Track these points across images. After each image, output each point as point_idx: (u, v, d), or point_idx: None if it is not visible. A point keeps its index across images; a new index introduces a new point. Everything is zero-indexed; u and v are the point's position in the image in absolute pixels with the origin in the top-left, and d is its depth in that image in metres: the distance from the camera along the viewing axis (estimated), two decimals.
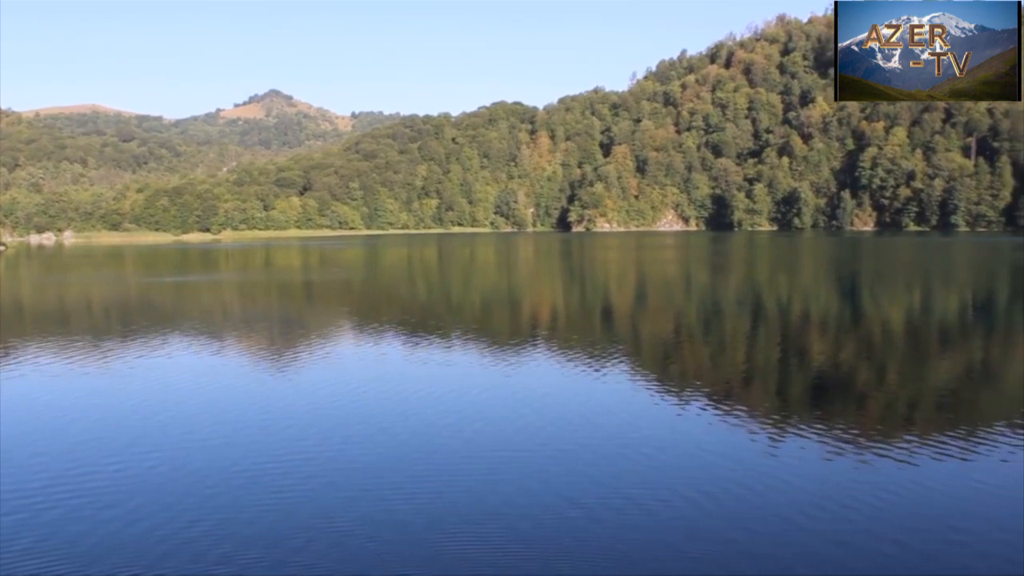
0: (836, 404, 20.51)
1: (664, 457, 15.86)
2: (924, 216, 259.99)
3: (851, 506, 13.08)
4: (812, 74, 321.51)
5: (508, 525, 12.55)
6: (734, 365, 26.89)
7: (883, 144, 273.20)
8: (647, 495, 13.70)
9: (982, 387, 22.82)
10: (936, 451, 15.87)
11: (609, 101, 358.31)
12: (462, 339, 32.43)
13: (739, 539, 11.95)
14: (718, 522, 12.57)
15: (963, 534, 12.01)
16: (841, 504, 13.17)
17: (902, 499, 13.42)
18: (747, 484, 14.20)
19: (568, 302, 49.93)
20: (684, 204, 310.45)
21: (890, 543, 11.71)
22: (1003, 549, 11.51)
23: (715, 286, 58.61)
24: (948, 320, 38.33)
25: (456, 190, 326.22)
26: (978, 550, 11.51)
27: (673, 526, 12.44)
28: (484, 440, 17.34)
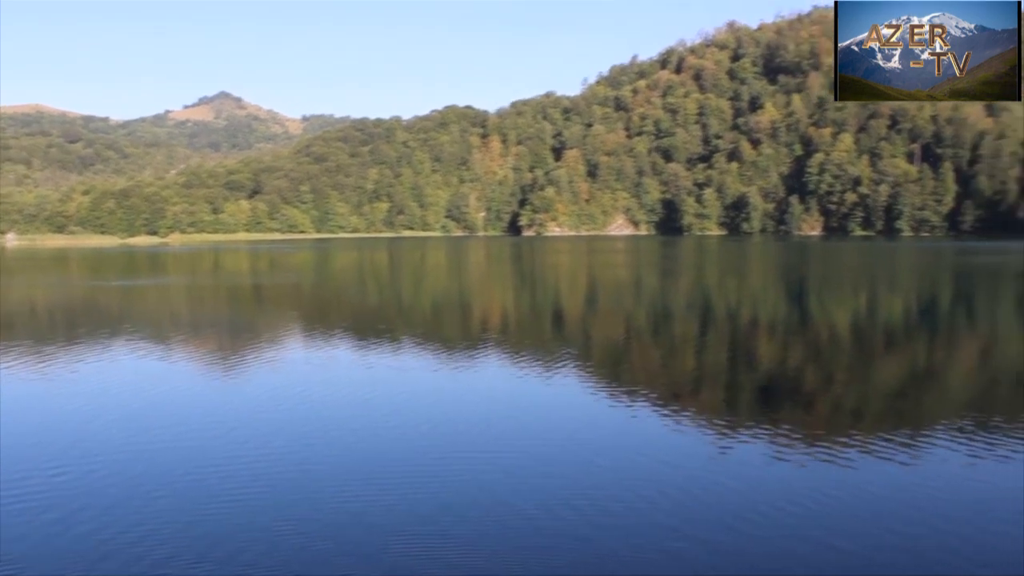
0: (784, 407, 20.64)
1: (613, 461, 15.81)
2: (870, 221, 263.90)
3: (798, 508, 13.11)
4: (761, 80, 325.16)
5: (450, 529, 12.41)
6: (684, 369, 26.99)
7: (830, 150, 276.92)
8: (595, 499, 13.63)
9: (925, 389, 23.10)
10: (881, 453, 15.99)
11: (561, 106, 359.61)
12: (413, 343, 32.26)
13: (686, 542, 11.91)
14: (665, 525, 12.51)
15: (905, 536, 12.08)
16: (788, 506, 13.19)
17: (847, 501, 13.48)
18: (695, 487, 14.20)
19: (519, 306, 49.89)
20: (634, 208, 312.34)
21: (834, 545, 11.74)
22: (944, 551, 11.59)
23: (665, 290, 58.90)
24: (893, 324, 38.81)
25: (407, 194, 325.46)
26: (920, 552, 11.58)
27: (620, 530, 12.36)
28: (432, 444, 17.19)
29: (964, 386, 23.80)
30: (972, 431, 17.56)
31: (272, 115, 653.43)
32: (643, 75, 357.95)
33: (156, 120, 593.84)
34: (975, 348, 31.29)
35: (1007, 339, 33.64)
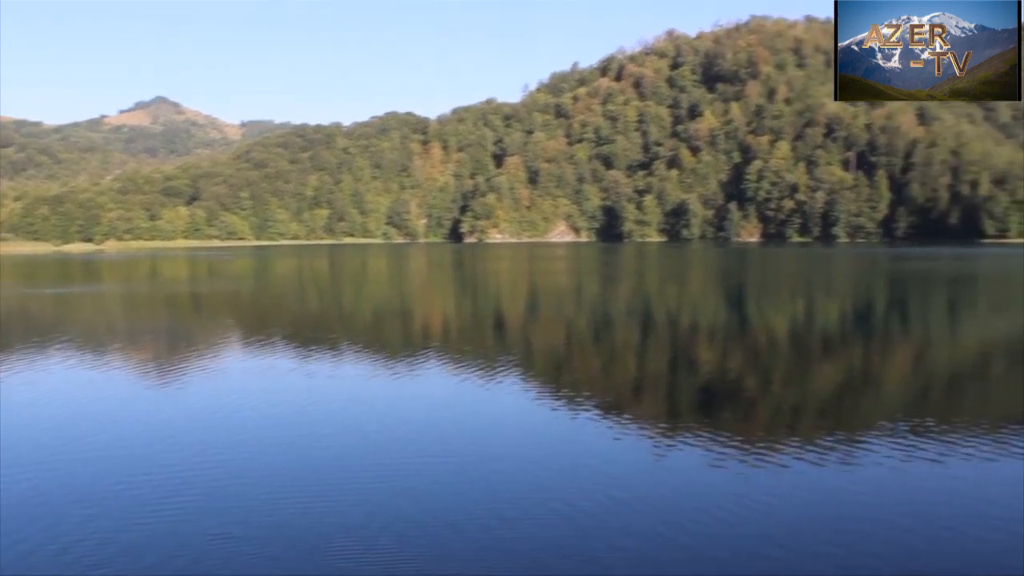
0: (723, 412, 20.83)
1: (550, 468, 15.83)
2: (807, 228, 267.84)
3: (732, 514, 13.24)
4: (700, 88, 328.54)
5: (379, 536, 12.37)
6: (624, 375, 27.14)
7: (768, 157, 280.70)
8: (528, 506, 13.66)
9: (861, 394, 23.44)
10: (817, 458, 16.21)
11: (502, 112, 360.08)
12: (353, 351, 32.08)
13: (618, 550, 11.98)
14: (599, 533, 12.57)
15: (837, 540, 12.26)
16: (723, 512, 13.32)
17: (782, 506, 13.65)
18: (631, 493, 14.27)
19: (460, 313, 49.84)
20: (575, 215, 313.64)
21: (767, 550, 11.89)
22: (873, 554, 11.76)
23: (606, 297, 59.18)
24: (829, 329, 39.38)
25: (348, 200, 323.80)
26: (849, 555, 11.74)
27: (553, 538, 12.39)
28: (367, 452, 17.10)
29: (897, 390, 24.22)
30: (905, 435, 17.87)
31: (211, 120, 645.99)
32: (583, 82, 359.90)
33: (91, 125, 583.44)
34: (908, 352, 31.87)
35: (938, 343, 34.32)
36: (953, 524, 12.72)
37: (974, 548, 11.88)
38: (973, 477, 14.99)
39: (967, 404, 21.70)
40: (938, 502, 13.72)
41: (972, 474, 15.15)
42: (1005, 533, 12.39)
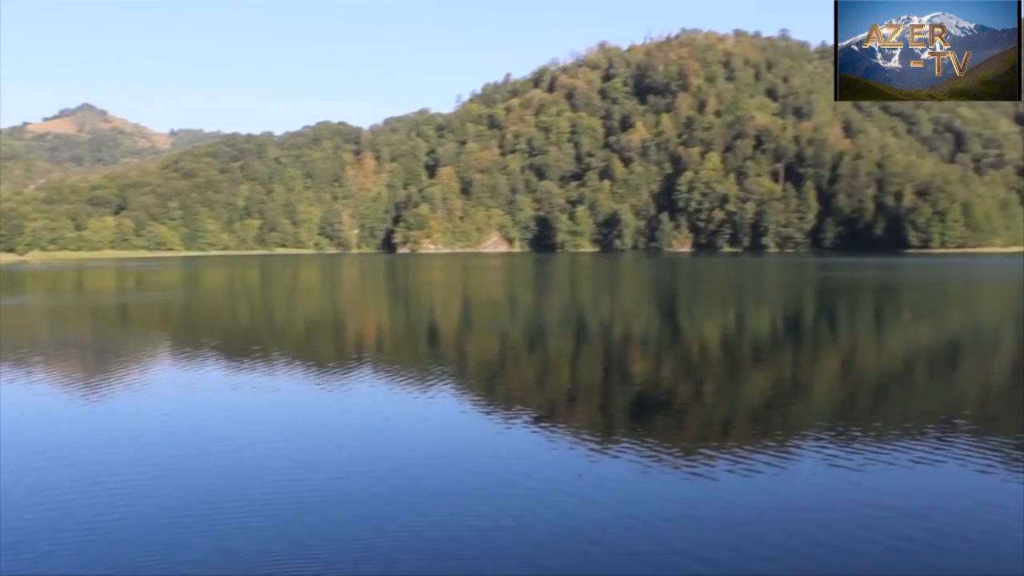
0: (656, 421, 20.98)
1: (482, 478, 15.80)
2: (737, 238, 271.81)
3: (665, 521, 13.33)
4: (632, 100, 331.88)
5: (310, 549, 12.26)
6: (558, 385, 27.20)
7: (699, 168, 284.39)
8: (461, 516, 13.62)
9: (791, 401, 23.78)
10: (748, 464, 16.41)
11: (435, 123, 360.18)
12: (285, 363, 31.74)
13: (552, 557, 12.01)
14: (532, 542, 12.58)
15: (773, 543, 12.40)
16: (658, 519, 13.41)
17: (714, 512, 13.78)
18: (564, 502, 14.30)
19: (394, 324, 49.62)
20: (508, 226, 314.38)
21: (698, 556, 12.00)
22: (803, 557, 11.93)
23: (539, 307, 59.33)
24: (760, 337, 39.91)
25: (279, 211, 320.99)
26: (787, 559, 11.89)
27: (485, 548, 12.39)
28: (297, 465, 16.87)
29: (826, 397, 24.61)
30: (833, 440, 18.15)
31: (138, 129, 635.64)
32: (516, 93, 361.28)
33: (13, 132, 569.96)
34: (836, 360, 32.40)
35: (865, 351, 34.95)
36: (876, 529, 12.93)
37: (896, 553, 12.09)
38: (896, 483, 15.26)
39: (892, 410, 22.11)
40: (863, 507, 13.93)
41: (896, 480, 15.43)
42: (924, 540, 12.63)
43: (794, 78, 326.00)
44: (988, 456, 16.88)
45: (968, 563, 11.76)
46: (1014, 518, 13.36)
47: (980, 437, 18.36)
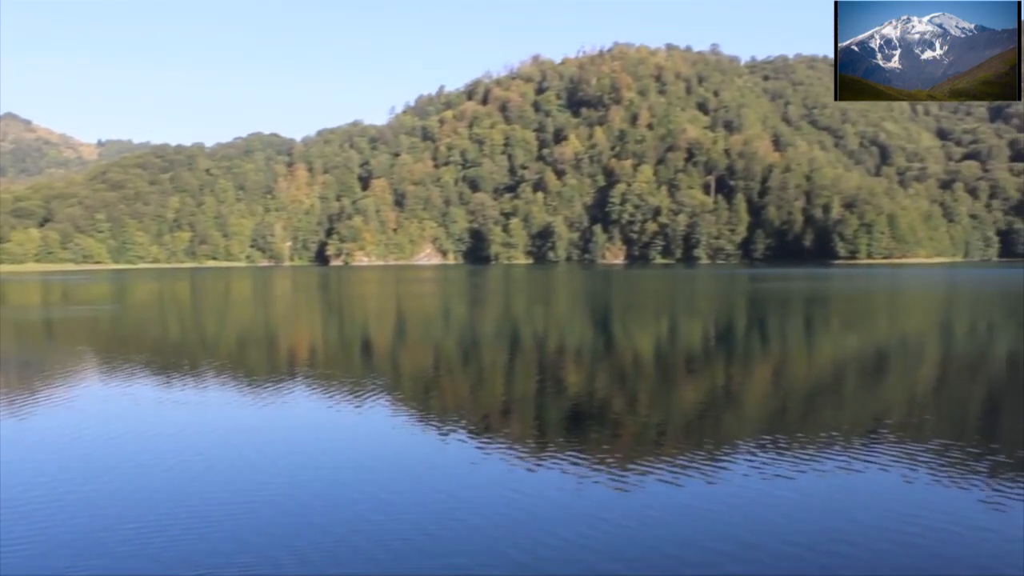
0: (590, 433, 21.01)
1: (420, 491, 15.70)
2: (670, 249, 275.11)
3: (600, 532, 13.35)
4: (565, 112, 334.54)
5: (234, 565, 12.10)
6: (493, 397, 27.16)
7: (631, 181, 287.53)
8: (398, 528, 13.55)
9: (723, 411, 23.98)
10: (680, 475, 16.53)
11: (368, 134, 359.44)
12: (216, 377, 31.27)
13: (490, 568, 11.97)
14: (461, 554, 12.53)
15: (700, 552, 12.48)
16: (591, 529, 13.43)
17: (646, 523, 13.84)
18: (504, 513, 14.28)
19: (327, 338, 49.21)
20: (442, 238, 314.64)
21: (632, 567, 12.05)
22: (739, 565, 12.02)
23: (473, 319, 59.29)
24: (693, 348, 40.29)
25: (210, 223, 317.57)
26: (713, 568, 11.97)
27: (411, 563, 12.32)
28: (225, 481, 16.62)
29: (758, 406, 24.88)
30: (764, 449, 18.36)
31: (64, 139, 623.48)
32: (450, 106, 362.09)
33: None
34: (767, 370, 32.80)
35: (796, 360, 35.47)
36: (809, 537, 13.09)
37: (830, 561, 12.24)
38: (825, 490, 15.47)
39: (822, 419, 22.45)
40: (791, 514, 14.10)
41: (824, 487, 15.64)
42: (851, 546, 12.81)
43: (724, 92, 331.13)
44: (914, 462, 17.21)
45: (897, 568, 11.93)
46: (939, 521, 13.63)
47: (906, 444, 18.71)
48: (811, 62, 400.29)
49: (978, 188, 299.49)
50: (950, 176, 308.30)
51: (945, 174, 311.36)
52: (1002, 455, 17.98)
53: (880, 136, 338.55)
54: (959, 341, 41.83)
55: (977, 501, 14.75)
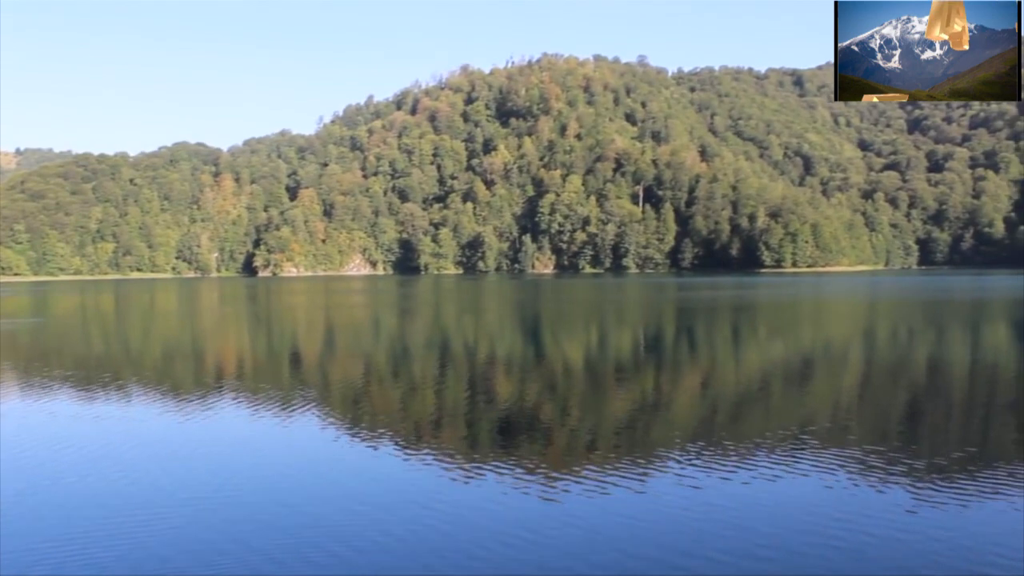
0: (521, 441, 21.02)
1: (354, 503, 15.54)
2: (599, 259, 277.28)
3: (528, 542, 13.34)
4: (494, 123, 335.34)
5: None
6: (424, 407, 27.04)
7: (560, 191, 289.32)
8: (324, 541, 13.43)
9: (653, 418, 24.17)
10: (609, 482, 16.62)
11: (296, 144, 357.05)
12: (141, 392, 30.69)
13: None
14: (391, 568, 12.45)
15: (635, 561, 12.53)
16: (519, 539, 13.42)
17: (578, 530, 13.88)
18: (437, 523, 14.20)
19: (255, 350, 48.60)
20: (371, 248, 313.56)
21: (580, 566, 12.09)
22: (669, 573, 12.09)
23: (403, 330, 59.08)
24: (622, 356, 40.54)
25: (134, 234, 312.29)
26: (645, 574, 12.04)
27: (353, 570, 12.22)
28: (151, 497, 16.26)
29: (687, 414, 25.12)
30: (693, 457, 18.53)
31: None
32: (379, 115, 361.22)
33: None
34: (696, 377, 33.15)
35: (723, 368, 35.88)
36: (735, 543, 13.20)
37: (755, 566, 12.37)
38: (754, 497, 15.64)
39: (749, 425, 22.71)
40: (722, 523, 14.22)
41: (753, 494, 15.82)
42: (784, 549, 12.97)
43: (652, 103, 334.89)
44: (837, 468, 17.51)
45: (822, 571, 12.10)
46: (862, 525, 13.86)
47: (830, 449, 19.02)
48: (736, 74, 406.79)
49: (898, 198, 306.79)
50: (871, 186, 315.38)
51: (866, 184, 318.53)
52: (923, 459, 18.36)
53: (803, 147, 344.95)
54: (881, 348, 42.68)
55: (899, 504, 15.03)
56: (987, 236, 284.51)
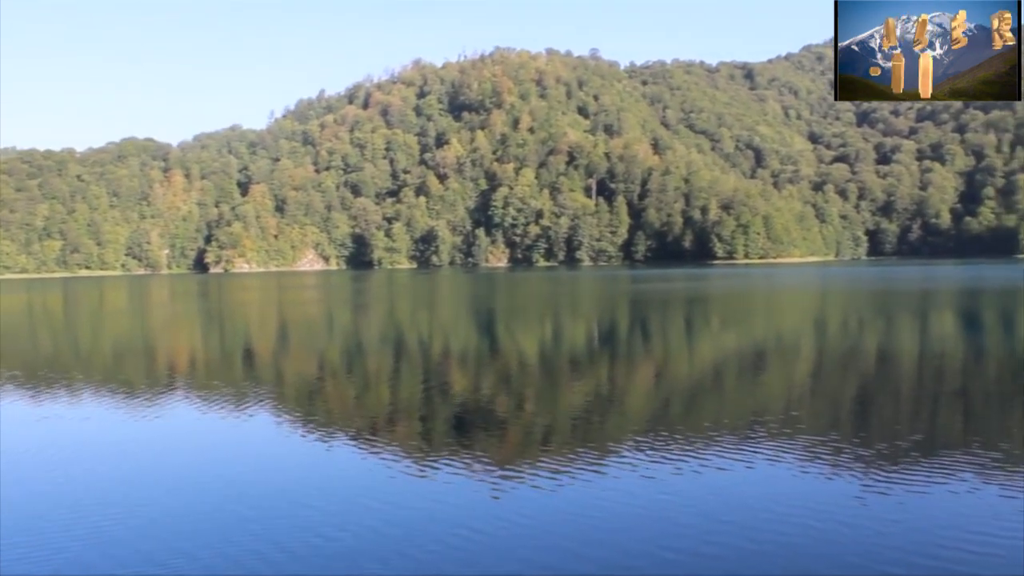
0: (476, 436, 21.02)
1: (300, 505, 15.36)
2: (552, 252, 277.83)
3: (486, 535, 13.34)
4: (447, 117, 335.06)
5: None
6: (379, 402, 26.96)
7: (513, 184, 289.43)
8: (280, 537, 13.32)
9: (609, 410, 24.25)
10: (569, 473, 16.66)
11: (247, 139, 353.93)
12: (92, 391, 30.28)
13: None
14: (352, 558, 12.41)
15: (588, 558, 12.55)
16: (477, 532, 13.40)
17: (539, 520, 13.93)
18: (379, 524, 14.08)
19: (207, 347, 48.16)
20: (324, 243, 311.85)
21: (528, 564, 12.13)
22: (631, 565, 12.14)
23: (358, 325, 58.84)
24: (577, 349, 40.68)
25: (83, 231, 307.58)
26: (608, 566, 12.07)
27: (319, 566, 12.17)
28: (104, 497, 16.05)
29: (641, 405, 25.26)
30: (646, 450, 18.60)
31: None
32: (330, 110, 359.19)
33: None
34: (650, 369, 33.33)
35: (677, 359, 36.13)
36: (687, 540, 13.24)
37: (705, 562, 12.45)
38: (706, 489, 15.73)
39: (703, 416, 22.88)
40: (674, 517, 14.28)
41: (705, 486, 15.92)
42: (735, 544, 13.07)
43: (604, 96, 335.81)
44: (789, 458, 17.67)
45: (777, 563, 12.20)
46: (813, 517, 13.98)
47: (782, 440, 19.19)
48: (688, 67, 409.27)
49: (847, 190, 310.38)
50: (821, 178, 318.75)
51: (817, 176, 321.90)
52: (873, 447, 18.58)
53: (755, 140, 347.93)
54: (831, 338, 43.20)
55: (849, 493, 15.18)
56: (934, 227, 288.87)
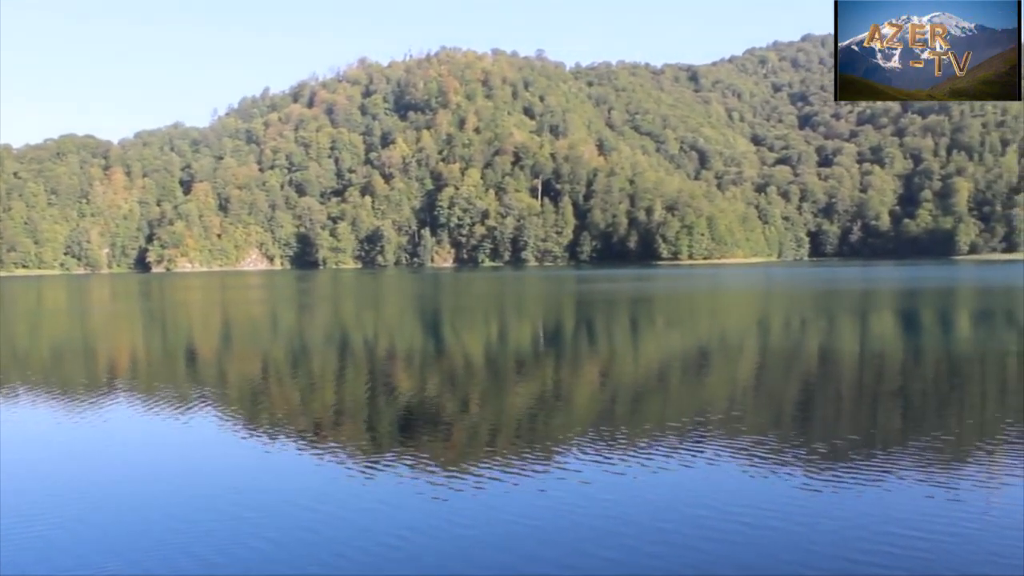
0: (420, 437, 20.94)
1: (240, 507, 15.22)
2: (498, 252, 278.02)
3: (430, 537, 13.31)
4: (392, 116, 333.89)
5: None
6: (324, 403, 26.78)
7: (459, 184, 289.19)
8: (222, 542, 13.21)
9: (555, 410, 24.30)
10: (514, 473, 16.68)
11: (189, 137, 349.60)
12: (29, 393, 29.73)
13: None
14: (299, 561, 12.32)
15: (529, 559, 12.54)
16: (409, 536, 13.37)
17: (483, 521, 13.95)
18: (316, 526, 13.96)
19: (149, 347, 47.50)
20: (268, 243, 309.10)
21: (471, 564, 12.17)
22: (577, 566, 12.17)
23: (302, 325, 58.45)
24: (522, 349, 40.73)
25: (19, 229, 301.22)
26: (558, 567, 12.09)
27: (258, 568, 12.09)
28: (42, 497, 15.80)
29: (587, 405, 25.38)
30: (590, 451, 18.67)
31: None
32: (275, 108, 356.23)
33: None
34: (596, 369, 33.47)
35: (622, 359, 36.32)
36: (631, 540, 13.30)
37: (650, 562, 12.51)
38: (652, 488, 15.83)
39: (648, 416, 23.03)
40: (619, 517, 14.33)
41: (651, 485, 16.02)
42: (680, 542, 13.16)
43: (550, 97, 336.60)
44: (733, 456, 17.85)
45: (719, 561, 12.30)
46: (758, 514, 14.12)
47: (727, 439, 19.39)
48: (633, 69, 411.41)
49: (790, 192, 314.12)
50: (764, 180, 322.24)
51: (760, 178, 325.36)
52: (815, 445, 18.82)
53: (699, 141, 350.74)
54: (774, 337, 43.71)
55: (792, 491, 15.37)
56: (874, 228, 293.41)
